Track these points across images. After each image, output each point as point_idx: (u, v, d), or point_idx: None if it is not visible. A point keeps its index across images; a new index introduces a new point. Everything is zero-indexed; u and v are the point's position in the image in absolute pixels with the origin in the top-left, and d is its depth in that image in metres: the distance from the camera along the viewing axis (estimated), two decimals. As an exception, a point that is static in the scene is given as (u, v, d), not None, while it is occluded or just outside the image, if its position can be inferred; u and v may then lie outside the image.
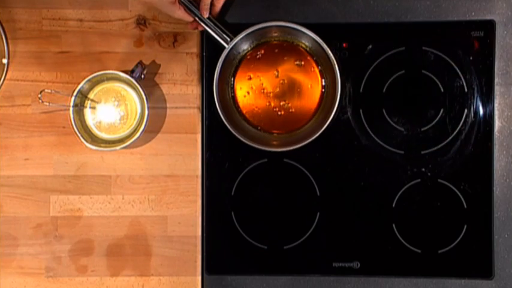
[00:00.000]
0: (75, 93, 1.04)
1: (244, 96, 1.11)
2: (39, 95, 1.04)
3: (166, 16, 1.08)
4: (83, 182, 1.10)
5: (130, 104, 1.08)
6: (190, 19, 1.05)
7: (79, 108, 1.06)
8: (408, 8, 1.10)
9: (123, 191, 1.10)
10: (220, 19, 1.07)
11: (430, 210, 1.10)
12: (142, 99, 1.05)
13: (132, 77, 1.05)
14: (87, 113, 1.08)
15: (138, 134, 1.04)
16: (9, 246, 1.10)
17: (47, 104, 1.04)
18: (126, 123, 1.09)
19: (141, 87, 1.04)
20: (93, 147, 1.04)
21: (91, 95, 1.08)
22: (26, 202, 1.10)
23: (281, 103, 1.10)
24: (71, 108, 1.04)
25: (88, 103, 1.08)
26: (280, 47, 1.10)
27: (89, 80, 1.05)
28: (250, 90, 1.11)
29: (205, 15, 1.04)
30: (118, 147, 1.04)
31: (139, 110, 1.08)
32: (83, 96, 1.07)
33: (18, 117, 1.10)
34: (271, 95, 1.10)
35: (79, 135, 1.04)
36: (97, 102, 1.08)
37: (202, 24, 1.05)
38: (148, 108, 1.04)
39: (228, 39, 1.06)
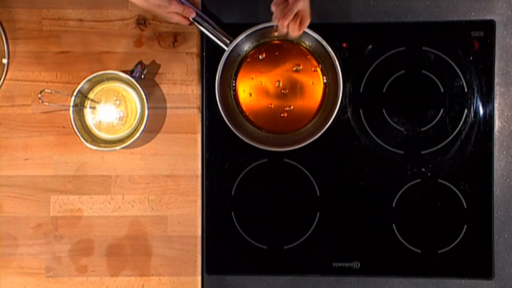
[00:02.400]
0: (75, 93, 1.04)
1: (247, 98, 1.11)
2: (39, 95, 1.04)
3: (166, 16, 1.09)
4: (83, 182, 1.10)
5: (130, 104, 1.09)
6: (187, 23, 1.05)
7: (79, 108, 1.06)
8: (408, 8, 1.10)
9: (123, 191, 1.10)
10: (219, 21, 1.07)
11: (430, 210, 1.10)
12: (142, 99, 1.05)
13: (132, 77, 1.05)
14: (87, 113, 1.08)
15: (138, 134, 1.04)
16: (9, 246, 1.10)
17: (47, 104, 1.04)
18: (126, 123, 1.09)
19: (141, 87, 1.04)
20: (93, 147, 1.04)
21: (91, 95, 1.08)
22: (26, 202, 1.10)
23: (283, 103, 1.10)
24: (71, 108, 1.04)
25: (88, 103, 1.08)
26: (281, 47, 1.10)
27: (89, 80, 1.05)
28: (252, 92, 1.11)
29: (284, 30, 0.96)
30: (118, 147, 1.04)
31: (139, 110, 1.08)
32: (83, 96, 1.07)
33: (18, 117, 1.10)
34: (273, 95, 1.10)
35: (79, 135, 1.04)
36: (97, 102, 1.08)
37: (201, 28, 1.05)
38: (148, 108, 1.04)
39: (228, 42, 1.06)
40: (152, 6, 0.99)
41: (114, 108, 1.08)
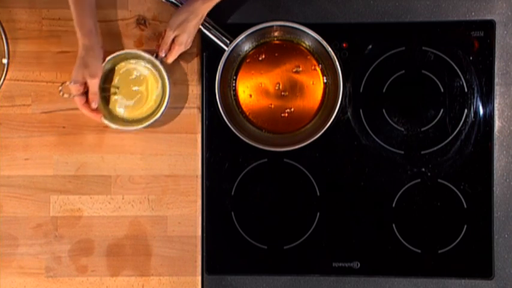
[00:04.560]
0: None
1: (247, 98, 1.11)
2: (60, 87, 1.02)
3: (166, 16, 1.09)
4: (83, 182, 1.10)
5: (151, 84, 1.08)
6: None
7: (101, 96, 1.06)
8: (408, 8, 1.10)
9: (123, 191, 1.10)
10: (219, 21, 1.07)
11: (430, 210, 1.10)
12: (163, 77, 1.05)
13: (154, 56, 1.05)
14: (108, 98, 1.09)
15: (162, 109, 1.05)
16: (9, 246, 1.10)
17: (67, 96, 1.03)
18: (146, 104, 1.08)
19: (161, 65, 1.04)
20: (118, 127, 1.05)
21: (112, 79, 1.08)
22: (26, 202, 1.10)
23: (283, 104, 1.10)
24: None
25: (108, 89, 1.07)
26: (281, 47, 1.10)
27: (112, 58, 1.05)
28: (252, 93, 1.11)
29: (162, 54, 1.05)
30: (141, 126, 1.05)
31: (159, 91, 1.08)
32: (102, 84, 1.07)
33: (18, 117, 1.10)
34: (273, 96, 1.10)
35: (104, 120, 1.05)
36: (117, 88, 1.07)
37: (201, 28, 1.05)
38: (169, 83, 1.05)
39: (228, 42, 1.06)
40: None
41: (134, 89, 1.08)
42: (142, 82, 1.09)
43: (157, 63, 1.05)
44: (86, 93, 1.03)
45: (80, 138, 1.10)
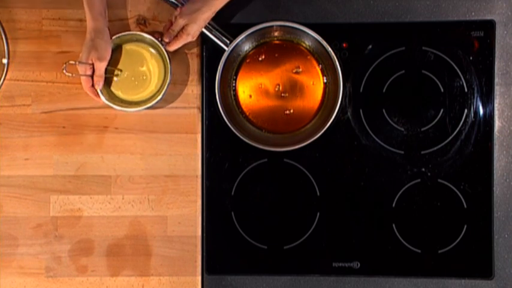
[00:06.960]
0: None
1: (247, 98, 1.11)
2: (64, 66, 1.02)
3: (166, 16, 1.09)
4: (83, 182, 1.10)
5: (153, 68, 1.08)
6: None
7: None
8: (408, 8, 1.10)
9: (123, 191, 1.10)
10: (219, 21, 1.07)
11: (430, 210, 1.10)
12: (166, 62, 1.05)
13: (158, 40, 1.05)
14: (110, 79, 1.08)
15: (162, 92, 1.04)
16: (9, 246, 1.10)
17: (69, 75, 1.03)
18: (147, 88, 1.08)
19: (163, 47, 1.04)
20: (115, 106, 1.04)
21: (114, 60, 1.07)
22: (26, 202, 1.10)
23: (284, 104, 1.10)
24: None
25: (111, 71, 1.07)
26: (281, 47, 1.10)
27: (116, 39, 1.05)
28: (252, 93, 1.11)
29: (167, 40, 1.05)
30: (141, 108, 1.05)
31: (160, 75, 1.07)
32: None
33: (18, 117, 1.10)
34: (273, 97, 1.10)
35: (104, 100, 1.05)
36: (120, 70, 1.07)
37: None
38: (171, 68, 1.04)
39: (228, 42, 1.06)
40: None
41: (136, 71, 1.08)
42: (144, 65, 1.08)
43: (161, 47, 1.05)
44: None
45: (80, 138, 1.10)
